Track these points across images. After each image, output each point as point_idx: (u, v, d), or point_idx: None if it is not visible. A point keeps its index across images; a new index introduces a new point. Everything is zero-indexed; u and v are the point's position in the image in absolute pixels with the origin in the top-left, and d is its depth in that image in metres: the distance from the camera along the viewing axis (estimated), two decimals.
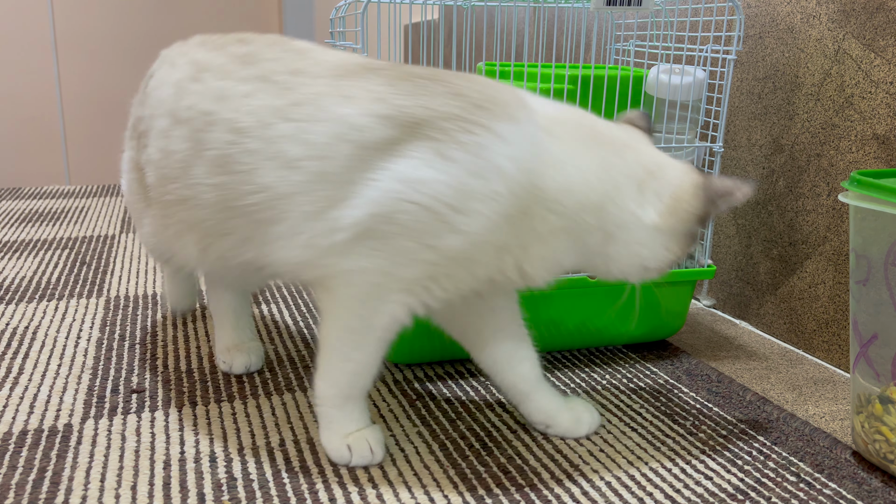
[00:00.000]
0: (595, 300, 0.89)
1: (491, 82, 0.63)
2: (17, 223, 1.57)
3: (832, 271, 0.92)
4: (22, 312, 1.04)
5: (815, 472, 0.69)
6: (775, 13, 0.97)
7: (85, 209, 1.73)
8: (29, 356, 0.90)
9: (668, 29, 1.08)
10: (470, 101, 0.60)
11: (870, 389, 0.67)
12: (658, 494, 0.64)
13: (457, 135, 0.58)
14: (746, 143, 1.04)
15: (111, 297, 1.12)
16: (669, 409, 0.80)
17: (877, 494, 0.65)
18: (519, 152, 0.60)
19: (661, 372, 0.89)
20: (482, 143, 0.59)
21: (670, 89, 0.89)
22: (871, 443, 0.68)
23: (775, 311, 1.01)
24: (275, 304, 1.09)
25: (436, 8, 2.00)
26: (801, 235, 0.96)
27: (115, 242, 1.43)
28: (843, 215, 0.90)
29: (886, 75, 0.83)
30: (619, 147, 0.65)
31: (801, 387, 0.87)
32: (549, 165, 0.61)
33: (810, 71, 0.93)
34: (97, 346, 0.94)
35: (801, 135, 0.95)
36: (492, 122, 0.59)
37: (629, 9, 0.86)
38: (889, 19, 0.83)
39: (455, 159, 0.58)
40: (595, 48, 1.16)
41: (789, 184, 0.97)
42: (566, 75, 0.87)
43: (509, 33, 1.60)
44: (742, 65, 1.03)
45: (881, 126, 0.84)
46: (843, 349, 0.91)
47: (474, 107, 0.59)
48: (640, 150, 0.66)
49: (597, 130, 0.65)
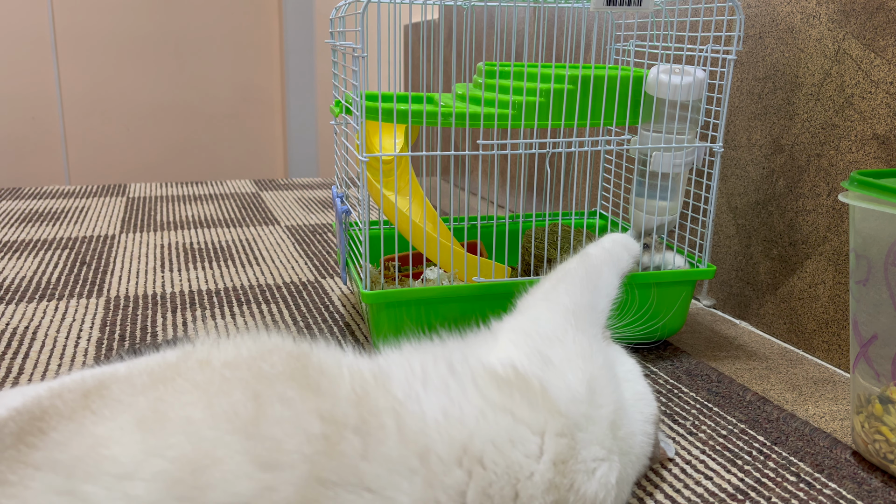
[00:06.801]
0: None
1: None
2: (17, 223, 1.57)
3: (832, 271, 0.92)
4: (22, 312, 1.04)
5: (815, 472, 0.69)
6: (775, 13, 0.97)
7: (85, 209, 1.73)
8: (29, 356, 0.90)
9: (668, 29, 1.08)
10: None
11: (870, 389, 0.67)
12: (658, 494, 0.64)
13: None
14: (746, 143, 1.04)
15: (111, 297, 1.12)
16: (669, 409, 0.80)
17: (877, 494, 0.65)
18: None
19: (661, 372, 0.89)
20: None
21: (670, 89, 0.89)
22: (871, 443, 0.68)
23: (775, 311, 1.01)
24: (275, 304, 1.09)
25: (436, 8, 2.00)
26: (801, 235, 0.96)
27: (115, 242, 1.43)
28: (843, 215, 0.90)
29: (886, 75, 0.83)
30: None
31: (801, 387, 0.87)
32: None
33: (810, 71, 0.93)
34: (97, 346, 0.94)
35: (801, 135, 0.95)
36: None
37: (629, 9, 0.86)
38: (889, 19, 0.83)
39: None
40: (595, 48, 1.16)
41: (789, 184, 0.97)
42: (566, 75, 0.87)
43: (509, 33, 1.60)
44: (742, 65, 1.03)
45: (881, 126, 0.84)
46: (843, 349, 0.91)
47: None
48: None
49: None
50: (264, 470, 0.41)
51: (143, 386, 0.46)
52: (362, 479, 0.43)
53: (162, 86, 2.57)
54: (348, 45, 0.87)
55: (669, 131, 0.92)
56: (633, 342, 0.96)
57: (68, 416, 0.43)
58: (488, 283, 0.86)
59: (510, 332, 0.60)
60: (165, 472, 0.40)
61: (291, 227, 1.60)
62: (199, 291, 1.15)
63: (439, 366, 0.52)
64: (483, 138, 1.14)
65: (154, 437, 0.41)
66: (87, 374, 0.49)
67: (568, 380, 0.54)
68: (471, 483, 0.46)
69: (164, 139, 2.59)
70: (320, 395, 0.46)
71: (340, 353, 0.54)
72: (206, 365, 0.47)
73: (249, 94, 2.68)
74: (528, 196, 1.58)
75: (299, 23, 2.59)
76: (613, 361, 0.66)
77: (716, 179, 0.92)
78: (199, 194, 1.95)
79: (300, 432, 0.43)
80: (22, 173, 2.46)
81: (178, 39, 2.55)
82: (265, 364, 0.48)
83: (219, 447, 0.41)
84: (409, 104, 0.86)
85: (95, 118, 2.50)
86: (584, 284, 0.67)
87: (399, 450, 0.45)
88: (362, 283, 0.86)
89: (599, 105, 0.89)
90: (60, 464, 0.40)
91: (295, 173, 2.70)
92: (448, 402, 0.49)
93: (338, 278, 1.23)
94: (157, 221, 1.62)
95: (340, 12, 0.95)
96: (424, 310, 0.86)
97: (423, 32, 1.30)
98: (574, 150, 0.90)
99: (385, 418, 0.46)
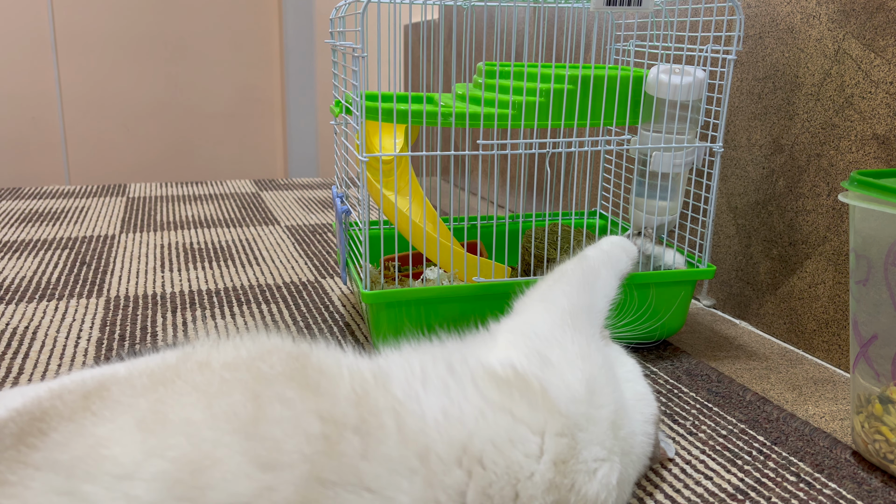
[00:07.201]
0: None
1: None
2: (17, 223, 1.57)
3: (832, 271, 0.92)
4: (22, 312, 1.04)
5: (815, 472, 0.69)
6: (775, 13, 0.97)
7: (85, 209, 1.73)
8: (29, 356, 0.90)
9: (668, 29, 1.08)
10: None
11: (870, 389, 0.67)
12: (658, 495, 0.64)
13: None
14: (746, 143, 1.04)
15: (111, 297, 1.12)
16: (669, 409, 0.80)
17: (877, 494, 0.65)
18: None
19: (661, 372, 0.89)
20: None
21: (670, 89, 0.89)
22: (871, 443, 0.68)
23: (775, 311, 1.01)
24: (274, 304, 1.09)
25: (436, 8, 2.00)
26: (801, 235, 0.96)
27: (115, 242, 1.43)
28: (843, 215, 0.90)
29: (886, 75, 0.83)
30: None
31: (801, 387, 0.87)
32: None
33: (810, 71, 0.93)
34: (97, 346, 0.94)
35: (801, 135, 0.95)
36: None
37: (629, 9, 0.86)
38: (889, 19, 0.83)
39: None
40: (595, 48, 1.16)
41: (789, 184, 0.97)
42: (566, 75, 0.87)
43: (509, 33, 1.60)
44: (742, 65, 1.03)
45: (881, 126, 0.84)
46: (843, 349, 0.91)
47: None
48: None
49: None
50: (264, 470, 0.41)
51: (143, 388, 0.46)
52: (362, 479, 0.43)
53: (162, 86, 2.57)
54: (348, 45, 0.86)
55: (669, 131, 0.92)
56: (633, 342, 0.96)
57: (68, 417, 0.43)
58: (488, 283, 0.86)
59: (508, 334, 0.60)
60: (165, 472, 0.40)
61: (291, 227, 1.60)
62: (199, 291, 1.15)
63: (439, 366, 0.52)
64: (483, 138, 1.14)
65: (154, 437, 0.41)
66: (86, 376, 0.49)
67: (567, 379, 0.54)
68: (470, 483, 0.46)
69: (164, 139, 2.59)
70: (320, 395, 0.46)
71: (340, 353, 0.54)
72: (205, 367, 0.47)
73: (249, 94, 2.68)
74: (528, 196, 1.58)
75: (299, 23, 2.59)
76: (613, 362, 0.66)
77: (716, 179, 0.92)
78: (199, 194, 1.95)
79: (300, 432, 0.43)
80: (22, 173, 2.46)
81: (178, 39, 2.55)
82: (264, 365, 0.48)
83: (218, 448, 0.41)
84: (409, 104, 0.86)
85: (95, 118, 2.50)
86: (582, 285, 0.67)
87: (399, 449, 0.45)
88: (362, 283, 0.86)
89: (599, 105, 0.89)
90: (61, 464, 0.40)
91: (295, 173, 2.70)
92: (448, 402, 0.49)
93: (338, 278, 1.23)
94: (157, 221, 1.62)
95: (340, 12, 0.95)
96: (424, 310, 0.86)
97: (423, 32, 1.30)
98: (574, 150, 0.90)
99: (385, 418, 0.46)
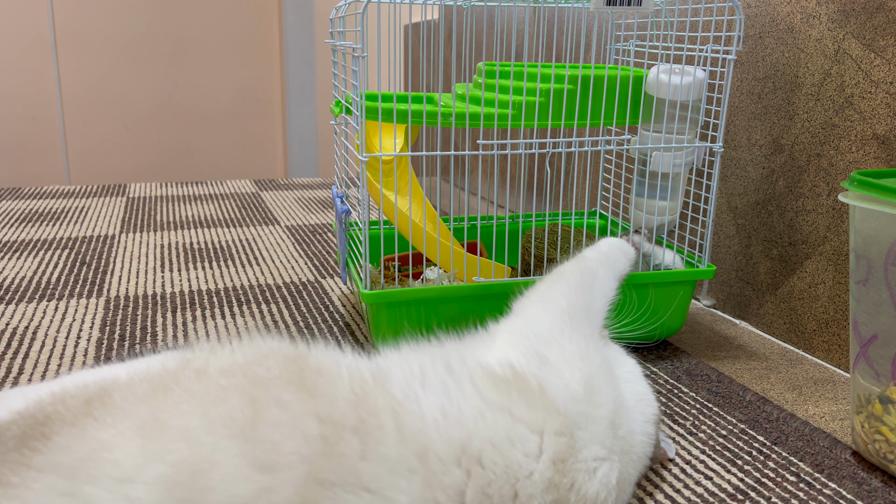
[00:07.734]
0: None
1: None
2: (17, 223, 1.57)
3: (832, 271, 0.92)
4: (22, 312, 1.04)
5: (815, 472, 0.69)
6: (775, 13, 0.97)
7: (85, 209, 1.73)
8: (29, 356, 0.90)
9: (668, 29, 1.08)
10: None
11: (870, 389, 0.67)
12: (658, 495, 0.64)
13: None
14: (746, 143, 1.04)
15: (111, 297, 1.12)
16: (669, 409, 0.80)
17: (877, 494, 0.65)
18: None
19: (661, 372, 0.89)
20: None
21: (670, 89, 0.89)
22: (871, 443, 0.68)
23: (775, 311, 1.01)
24: (274, 304, 1.09)
25: (436, 8, 2.00)
26: (801, 235, 0.96)
27: (115, 242, 1.43)
28: (843, 215, 0.90)
29: (886, 75, 0.83)
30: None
31: (801, 387, 0.87)
32: None
33: (810, 71, 0.93)
34: (97, 346, 0.94)
35: (801, 135, 0.95)
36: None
37: (629, 9, 0.86)
38: (889, 19, 0.83)
39: None
40: (595, 48, 1.16)
41: (789, 184, 0.97)
42: (566, 75, 0.87)
43: (509, 33, 1.60)
44: (742, 65, 1.03)
45: (881, 126, 0.84)
46: (843, 349, 0.91)
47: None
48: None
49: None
50: (262, 472, 0.41)
51: (143, 394, 0.46)
52: (361, 480, 0.43)
53: (162, 86, 2.57)
54: (348, 45, 0.86)
55: (669, 131, 0.92)
56: (633, 342, 0.96)
57: (71, 422, 0.44)
58: (488, 283, 0.86)
59: (506, 334, 0.60)
60: (165, 475, 0.40)
61: (291, 227, 1.60)
62: (198, 291, 1.15)
63: (438, 366, 0.52)
64: (483, 138, 1.14)
65: (154, 442, 0.42)
66: (88, 380, 0.49)
67: (566, 379, 0.54)
68: (469, 482, 0.46)
69: (164, 139, 2.59)
70: (318, 397, 0.46)
71: (339, 354, 0.54)
72: (202, 374, 0.48)
73: (249, 94, 2.68)
74: (528, 196, 1.58)
75: (299, 23, 2.59)
76: (612, 361, 0.66)
77: (716, 179, 0.92)
78: (199, 194, 1.95)
79: (298, 434, 0.43)
80: (22, 173, 2.46)
81: (178, 39, 2.55)
82: (261, 369, 0.48)
83: (217, 451, 0.41)
84: (409, 104, 0.86)
85: (95, 118, 2.50)
86: (580, 286, 0.67)
87: (398, 450, 0.45)
88: (362, 283, 0.86)
89: (599, 105, 0.89)
90: (63, 466, 0.40)
91: (295, 173, 2.70)
92: (447, 402, 0.49)
93: (338, 278, 1.23)
94: (157, 221, 1.62)
95: (340, 12, 0.95)
96: (424, 310, 0.86)
97: (423, 32, 1.30)
98: (574, 150, 0.90)
99: (384, 418, 0.46)
